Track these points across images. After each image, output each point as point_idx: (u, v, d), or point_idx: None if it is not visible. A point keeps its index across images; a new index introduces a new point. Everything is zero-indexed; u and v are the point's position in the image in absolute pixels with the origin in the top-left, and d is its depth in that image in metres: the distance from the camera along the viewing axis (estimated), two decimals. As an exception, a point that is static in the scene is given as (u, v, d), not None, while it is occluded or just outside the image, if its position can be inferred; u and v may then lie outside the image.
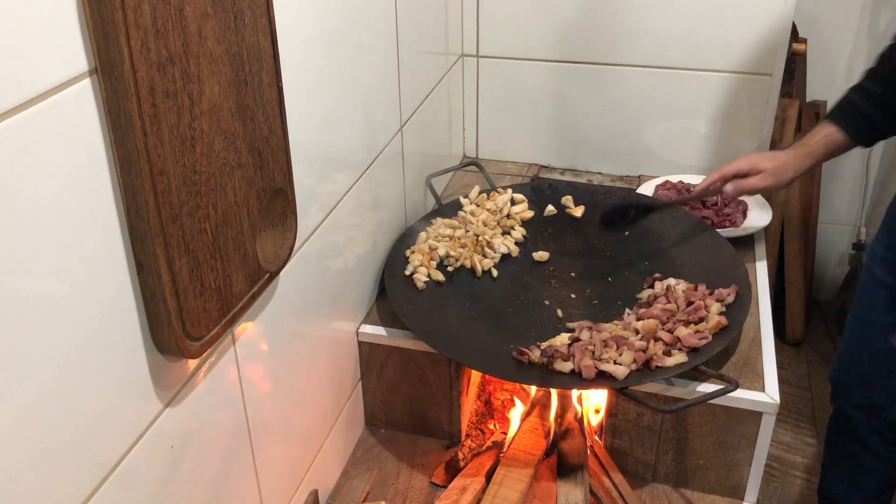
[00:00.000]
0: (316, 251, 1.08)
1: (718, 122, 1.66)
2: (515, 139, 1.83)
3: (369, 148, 1.26)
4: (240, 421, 0.92)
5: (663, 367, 1.09)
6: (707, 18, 1.57)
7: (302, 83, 0.96)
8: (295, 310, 1.03)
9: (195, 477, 0.84)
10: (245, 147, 0.78)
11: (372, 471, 1.27)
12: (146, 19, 0.61)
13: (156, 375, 0.74)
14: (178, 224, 0.69)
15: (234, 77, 0.75)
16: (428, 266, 1.33)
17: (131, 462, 0.73)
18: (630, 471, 1.24)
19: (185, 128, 0.68)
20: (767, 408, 1.12)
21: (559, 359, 1.12)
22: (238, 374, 0.90)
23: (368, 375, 1.32)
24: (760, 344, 1.23)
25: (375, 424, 1.37)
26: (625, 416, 1.21)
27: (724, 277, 1.26)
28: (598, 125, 1.75)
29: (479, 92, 1.80)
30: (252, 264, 0.83)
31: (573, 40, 1.67)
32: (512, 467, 1.18)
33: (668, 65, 1.63)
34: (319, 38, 1.02)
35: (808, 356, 2.07)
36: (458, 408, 1.30)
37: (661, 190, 1.57)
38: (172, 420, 0.78)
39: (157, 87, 0.64)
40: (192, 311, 0.73)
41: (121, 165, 0.64)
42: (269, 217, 0.86)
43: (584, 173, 1.81)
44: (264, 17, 0.79)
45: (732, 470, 1.19)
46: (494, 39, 1.72)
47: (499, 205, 1.50)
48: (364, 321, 1.31)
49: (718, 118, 1.65)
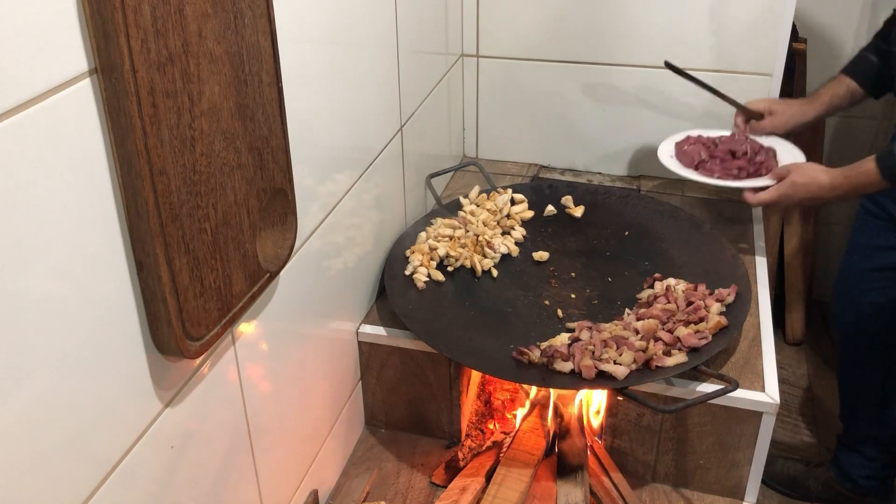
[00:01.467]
0: (316, 251, 1.08)
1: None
2: (515, 139, 1.83)
3: (369, 148, 1.26)
4: (240, 421, 0.92)
5: (663, 367, 1.09)
6: (707, 18, 1.57)
7: (302, 83, 0.96)
8: (295, 310, 1.03)
9: (195, 477, 0.84)
10: (245, 147, 0.78)
11: (372, 471, 1.27)
12: (146, 19, 0.61)
13: (156, 375, 0.74)
14: (178, 224, 0.69)
15: (234, 77, 0.75)
16: (428, 266, 1.33)
17: (131, 462, 0.73)
18: (630, 471, 1.24)
19: (185, 128, 0.68)
20: (767, 408, 1.12)
21: (559, 359, 1.12)
22: (238, 374, 0.90)
23: (368, 375, 1.32)
24: (760, 344, 1.23)
25: (375, 424, 1.37)
26: (625, 416, 1.21)
27: (724, 277, 1.26)
28: (598, 125, 1.75)
29: (479, 92, 1.80)
30: (252, 264, 0.83)
31: (573, 40, 1.67)
32: (512, 467, 1.18)
33: (668, 65, 1.63)
34: (319, 38, 1.02)
35: (808, 356, 2.07)
36: (458, 408, 1.30)
37: (685, 146, 1.52)
38: (172, 420, 0.78)
39: (157, 87, 0.64)
40: (192, 311, 0.73)
41: (121, 165, 0.64)
42: (269, 217, 0.86)
43: (584, 173, 1.81)
44: (264, 17, 0.79)
45: (732, 470, 1.19)
46: (494, 39, 1.72)
47: (499, 205, 1.50)
48: (364, 321, 1.31)
49: (718, 118, 1.65)
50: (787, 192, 1.30)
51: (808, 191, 1.28)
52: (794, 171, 1.31)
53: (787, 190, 1.30)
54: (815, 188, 1.27)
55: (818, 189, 1.27)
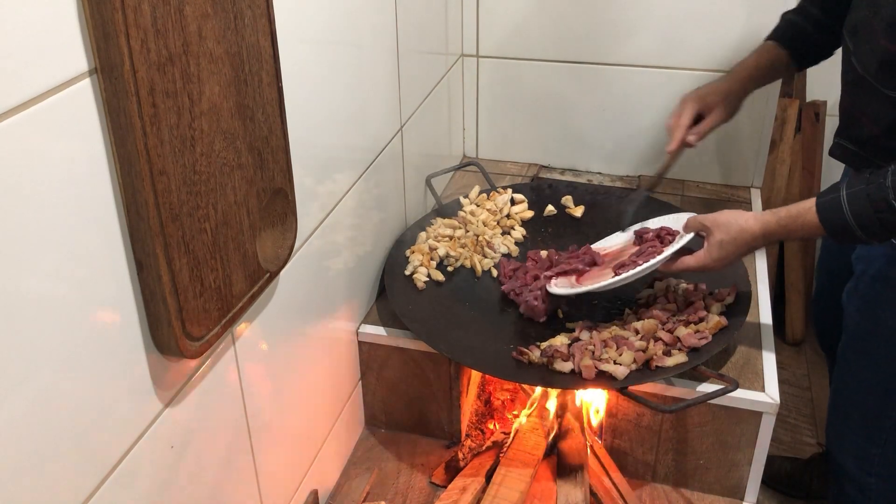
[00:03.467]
0: (316, 251, 1.08)
1: (718, 122, 1.66)
2: (515, 139, 1.83)
3: (369, 148, 1.26)
4: (240, 421, 0.92)
5: (663, 367, 1.09)
6: (707, 18, 1.57)
7: (302, 83, 0.96)
8: (295, 310, 1.03)
9: (195, 477, 0.84)
10: (245, 147, 0.78)
11: (372, 471, 1.27)
12: (146, 19, 0.61)
13: (156, 375, 0.74)
14: (178, 224, 0.69)
15: (234, 77, 0.75)
16: (428, 266, 1.33)
17: (131, 462, 0.73)
18: (630, 471, 1.24)
19: (185, 128, 0.68)
20: (767, 408, 1.12)
21: (559, 359, 1.12)
22: (238, 374, 0.90)
23: (368, 375, 1.32)
24: (760, 344, 1.23)
25: (375, 424, 1.37)
26: (625, 416, 1.21)
27: (723, 277, 1.26)
28: (598, 125, 1.75)
29: (479, 92, 1.80)
30: (252, 264, 0.83)
31: (573, 40, 1.67)
32: (512, 467, 1.18)
33: (668, 65, 1.63)
34: (319, 38, 1.02)
35: (808, 356, 2.07)
36: (458, 408, 1.30)
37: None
38: (172, 420, 0.78)
39: (157, 87, 0.64)
40: (192, 311, 0.73)
41: (121, 165, 0.64)
42: (269, 217, 0.86)
43: (584, 173, 1.81)
44: (264, 17, 0.79)
45: (732, 470, 1.19)
46: (494, 39, 1.72)
47: (499, 205, 1.50)
48: (364, 321, 1.31)
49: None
50: (717, 256, 1.11)
51: (739, 245, 1.10)
52: (716, 229, 1.11)
53: (717, 252, 1.11)
54: (749, 238, 1.09)
55: (752, 239, 1.09)
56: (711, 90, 1.30)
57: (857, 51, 1.10)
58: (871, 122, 1.09)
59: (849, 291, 1.22)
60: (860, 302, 1.19)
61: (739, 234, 1.09)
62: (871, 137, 1.11)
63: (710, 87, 1.31)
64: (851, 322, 1.22)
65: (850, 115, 1.15)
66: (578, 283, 1.24)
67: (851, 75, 1.12)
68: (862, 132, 1.12)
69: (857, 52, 1.10)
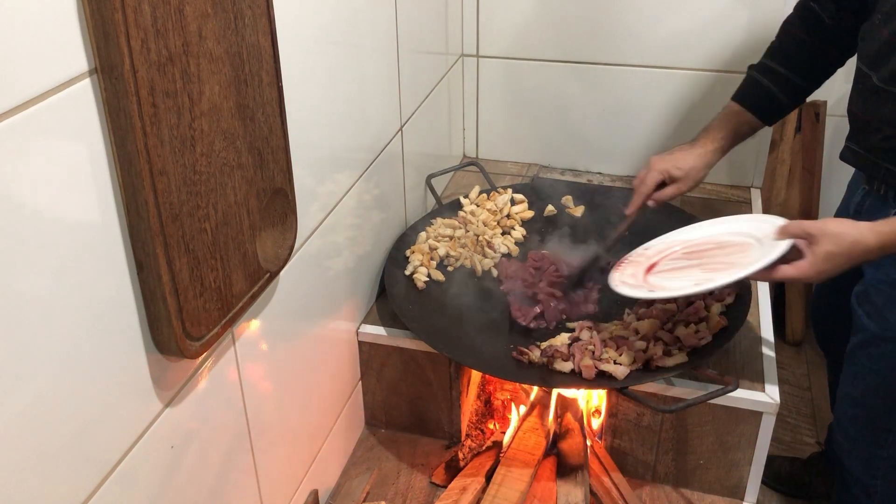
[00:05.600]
0: (316, 251, 1.08)
1: (718, 122, 1.66)
2: (515, 139, 1.83)
3: (369, 148, 1.26)
4: (240, 421, 0.92)
5: (663, 367, 1.09)
6: (707, 18, 1.57)
7: (302, 83, 0.96)
8: (295, 310, 1.03)
9: (195, 477, 0.84)
10: (245, 147, 0.78)
11: (372, 471, 1.27)
12: (146, 19, 0.61)
13: (156, 375, 0.74)
14: (178, 224, 0.69)
15: (234, 77, 0.75)
16: (428, 266, 1.33)
17: (131, 462, 0.73)
18: (630, 471, 1.24)
19: (185, 128, 0.68)
20: (767, 408, 1.12)
21: (559, 359, 1.12)
22: (238, 374, 0.90)
23: (368, 375, 1.32)
24: (760, 344, 1.23)
25: (375, 424, 1.37)
26: (625, 416, 1.21)
27: (724, 277, 1.26)
28: (598, 125, 1.75)
29: (479, 92, 1.80)
30: (252, 264, 0.83)
31: (573, 40, 1.67)
32: (512, 467, 1.18)
33: (668, 65, 1.63)
34: (319, 38, 1.02)
35: (808, 356, 2.06)
36: (458, 408, 1.30)
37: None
38: (172, 420, 0.78)
39: (157, 87, 0.64)
40: (192, 311, 0.73)
41: (121, 165, 0.64)
42: (269, 217, 0.86)
43: (584, 173, 1.81)
44: (264, 17, 0.79)
45: (732, 470, 1.19)
46: (494, 39, 1.72)
47: (499, 205, 1.50)
48: (364, 321, 1.31)
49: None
50: (823, 269, 1.01)
51: (852, 259, 1.00)
52: (824, 239, 1.00)
53: (823, 265, 1.00)
54: (861, 252, 0.99)
55: (864, 253, 0.99)
56: (678, 161, 1.26)
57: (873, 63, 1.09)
58: (888, 127, 1.09)
59: (858, 294, 1.21)
60: (870, 306, 1.18)
61: (852, 246, 0.99)
62: (885, 141, 1.10)
63: (677, 158, 1.27)
64: (860, 325, 1.21)
65: (861, 119, 1.14)
66: (647, 277, 1.15)
67: (865, 83, 1.12)
68: (875, 137, 1.12)
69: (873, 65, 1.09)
